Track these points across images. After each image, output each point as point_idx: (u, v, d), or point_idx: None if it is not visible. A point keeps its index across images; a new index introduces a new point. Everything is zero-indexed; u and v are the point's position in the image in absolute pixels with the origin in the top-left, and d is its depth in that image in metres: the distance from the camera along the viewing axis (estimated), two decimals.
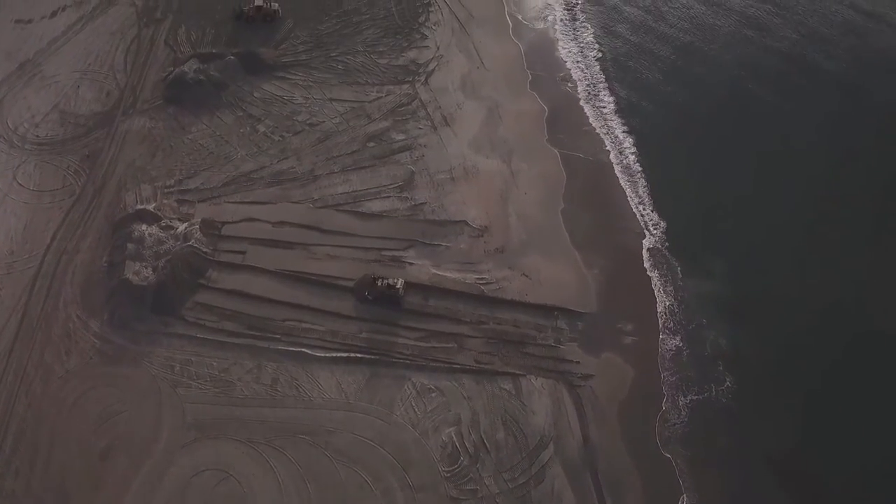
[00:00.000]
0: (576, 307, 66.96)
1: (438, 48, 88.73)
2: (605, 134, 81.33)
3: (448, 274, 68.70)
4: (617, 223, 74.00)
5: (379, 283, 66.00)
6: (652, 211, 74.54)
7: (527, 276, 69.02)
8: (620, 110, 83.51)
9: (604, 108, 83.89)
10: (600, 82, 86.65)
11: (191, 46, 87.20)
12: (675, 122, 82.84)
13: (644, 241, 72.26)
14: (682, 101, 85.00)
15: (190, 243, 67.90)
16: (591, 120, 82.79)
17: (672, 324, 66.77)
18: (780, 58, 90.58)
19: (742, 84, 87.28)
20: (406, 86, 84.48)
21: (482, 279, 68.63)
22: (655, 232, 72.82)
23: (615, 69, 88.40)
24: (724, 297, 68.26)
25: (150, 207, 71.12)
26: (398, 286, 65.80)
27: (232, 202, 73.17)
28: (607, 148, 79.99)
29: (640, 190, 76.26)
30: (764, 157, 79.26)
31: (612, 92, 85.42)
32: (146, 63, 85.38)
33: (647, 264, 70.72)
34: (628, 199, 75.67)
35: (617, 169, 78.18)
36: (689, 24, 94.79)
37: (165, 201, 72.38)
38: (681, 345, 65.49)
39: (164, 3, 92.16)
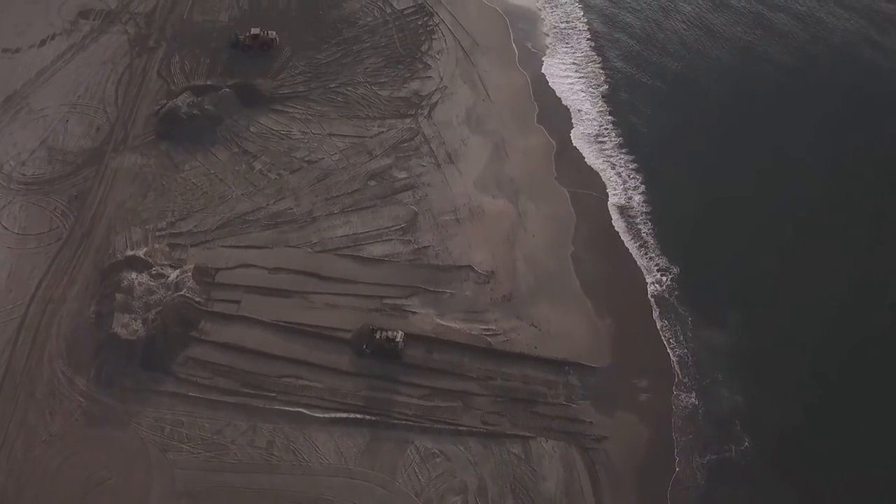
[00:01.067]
0: (588, 361, 63.66)
1: (442, 79, 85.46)
2: (614, 172, 78.03)
3: (453, 324, 65.42)
4: (629, 268, 70.71)
5: (377, 336, 62.76)
6: (664, 255, 71.24)
7: (536, 326, 65.73)
8: (630, 146, 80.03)
9: (613, 143, 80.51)
10: (608, 116, 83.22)
11: (185, 77, 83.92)
12: (687, 160, 79.36)
13: (656, 288, 69.00)
14: (695, 138, 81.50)
15: (182, 292, 64.60)
16: (600, 157, 79.48)
17: (687, 379, 63.50)
18: (800, 101, 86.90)
19: (757, 123, 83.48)
20: (409, 120, 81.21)
21: (489, 330, 65.35)
22: (668, 278, 69.53)
23: (624, 101, 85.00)
24: (740, 349, 65.01)
25: (141, 253, 67.83)
26: (398, 339, 62.53)
27: (226, 246, 69.85)
28: (618, 187, 76.70)
29: (652, 233, 72.95)
30: (781, 200, 75.84)
31: (622, 127, 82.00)
32: (138, 95, 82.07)
33: (659, 313, 67.45)
34: (639, 242, 72.46)
35: (627, 210, 74.90)
36: (699, 56, 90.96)
37: (157, 246, 69.06)
38: (696, 402, 62.20)
39: (157, 30, 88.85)
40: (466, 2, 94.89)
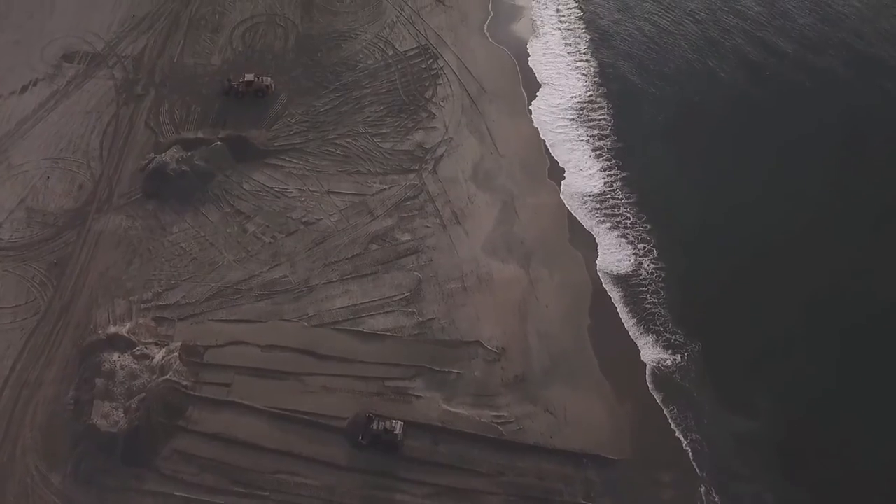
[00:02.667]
0: (608, 453, 58.63)
1: (447, 129, 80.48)
2: (632, 234, 72.95)
3: (461, 411, 60.43)
4: (651, 343, 65.61)
5: (375, 426, 57.81)
6: (686, 328, 66.14)
7: (551, 412, 60.75)
8: (645, 206, 74.74)
9: (628, 202, 75.39)
10: (622, 171, 78.09)
11: (174, 128, 79.02)
12: (700, 225, 73.85)
13: (678, 367, 63.91)
14: (714, 199, 75.92)
15: (167, 376, 59.65)
16: (615, 216, 74.37)
17: (714, 472, 58.45)
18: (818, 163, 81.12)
19: (773, 193, 77.64)
20: (412, 175, 76.25)
21: (500, 417, 60.36)
22: (691, 355, 64.46)
23: (637, 153, 79.76)
24: (771, 438, 60.04)
25: (124, 331, 62.82)
26: (396, 431, 57.55)
27: (217, 320, 64.95)
28: (634, 251, 71.55)
29: (671, 304, 67.77)
30: (803, 267, 70.62)
31: (637, 185, 76.67)
32: (124, 148, 77.15)
33: (682, 398, 62.32)
34: (658, 314, 67.25)
35: (645, 276, 69.78)
36: (720, 123, 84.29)
37: (141, 321, 64.10)
38: (724, 501, 57.17)
39: (145, 75, 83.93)
40: (472, 42, 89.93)
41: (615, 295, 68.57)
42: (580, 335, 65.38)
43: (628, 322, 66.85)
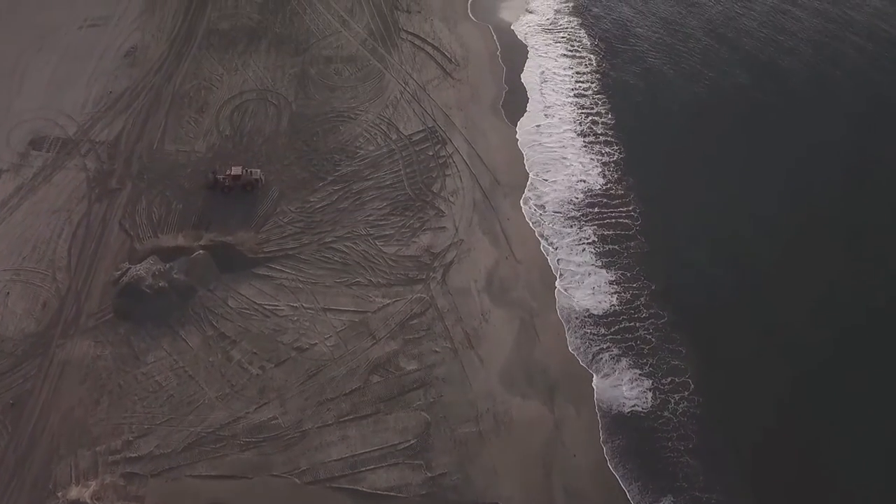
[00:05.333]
0: None
1: (458, 230, 72.07)
2: (666, 353, 64.47)
3: None
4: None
5: None
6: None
7: None
8: (679, 326, 66.20)
9: (658, 316, 66.93)
10: (643, 271, 69.69)
11: (152, 230, 70.63)
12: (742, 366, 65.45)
13: None
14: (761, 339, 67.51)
15: None
16: (647, 334, 65.90)
17: None
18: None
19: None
20: (419, 287, 67.80)
21: None
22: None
23: (661, 251, 71.35)
24: None
25: (87, 495, 54.21)
26: None
27: (195, 476, 56.30)
28: (655, 384, 62.87)
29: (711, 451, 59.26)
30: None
31: (665, 298, 68.13)
32: (96, 255, 68.70)
33: None
34: (700, 469, 58.58)
35: (683, 413, 61.18)
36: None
37: (108, 479, 55.50)
38: None
39: (121, 166, 75.55)
40: (485, 124, 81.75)
41: (663, 434, 59.83)
42: (615, 496, 56.75)
43: (676, 470, 58.10)
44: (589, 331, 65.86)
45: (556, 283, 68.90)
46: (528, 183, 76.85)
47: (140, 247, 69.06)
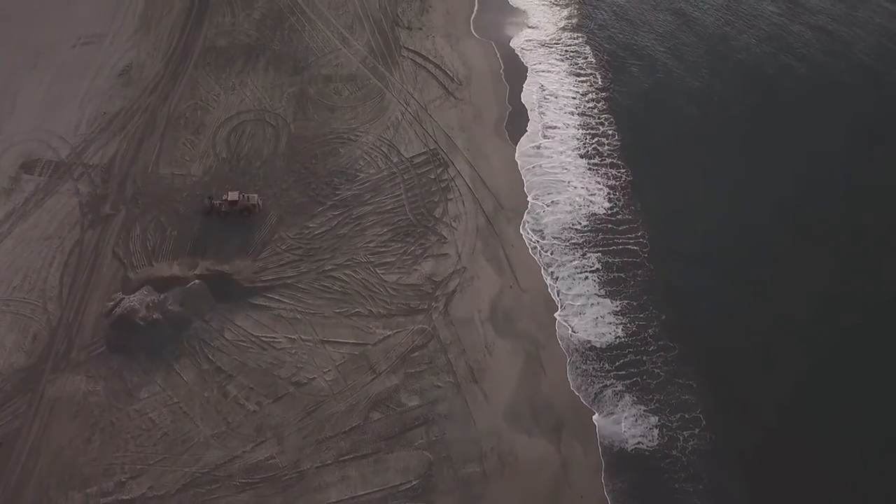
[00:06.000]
0: None
1: (460, 257, 70.14)
2: (676, 388, 62.57)
3: None
4: None
5: None
6: None
7: None
8: (692, 359, 64.26)
9: (668, 349, 65.03)
10: (658, 314, 67.70)
11: (146, 258, 68.64)
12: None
13: None
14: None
15: None
16: (655, 368, 63.99)
17: None
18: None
19: None
20: (420, 317, 65.88)
21: None
22: None
23: (675, 292, 69.16)
24: None
25: None
26: None
27: None
28: (661, 420, 61.01)
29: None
30: None
31: (679, 330, 66.22)
32: (88, 285, 66.73)
33: None
34: None
35: (693, 452, 59.32)
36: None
37: None
38: None
39: (115, 190, 73.53)
40: (487, 146, 79.77)
41: (668, 477, 57.96)
42: None
43: None
44: (591, 366, 63.84)
45: (556, 315, 66.81)
46: (528, 207, 74.75)
47: (134, 276, 67.08)
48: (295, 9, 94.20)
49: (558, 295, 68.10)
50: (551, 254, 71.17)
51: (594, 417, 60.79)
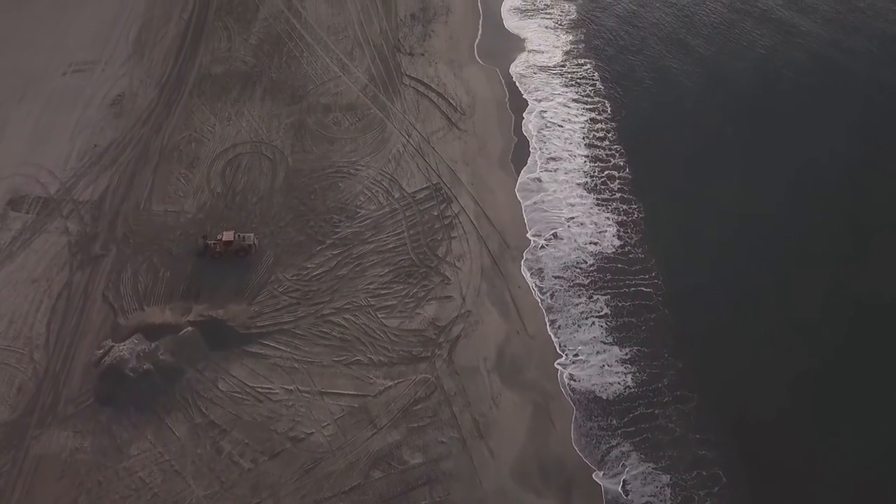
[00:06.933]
0: None
1: (465, 300, 67.32)
2: (693, 443, 59.67)
3: None
4: None
5: None
6: None
7: None
8: (706, 411, 61.29)
9: (685, 400, 62.12)
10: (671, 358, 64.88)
11: (137, 301, 65.83)
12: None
13: None
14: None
15: None
16: (669, 423, 61.07)
17: None
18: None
19: None
20: (423, 365, 63.07)
21: None
22: None
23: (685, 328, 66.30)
24: None
25: None
26: None
27: None
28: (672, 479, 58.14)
29: None
30: None
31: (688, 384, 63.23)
32: (76, 332, 63.88)
33: None
34: None
35: None
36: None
37: None
38: None
39: (105, 229, 70.68)
40: (492, 180, 76.98)
41: None
42: None
43: None
44: (596, 423, 60.83)
45: (557, 364, 63.89)
46: (529, 246, 71.86)
47: (124, 322, 64.27)
48: (293, 34, 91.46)
49: (560, 340, 65.24)
50: (552, 296, 68.15)
51: (597, 476, 57.79)
